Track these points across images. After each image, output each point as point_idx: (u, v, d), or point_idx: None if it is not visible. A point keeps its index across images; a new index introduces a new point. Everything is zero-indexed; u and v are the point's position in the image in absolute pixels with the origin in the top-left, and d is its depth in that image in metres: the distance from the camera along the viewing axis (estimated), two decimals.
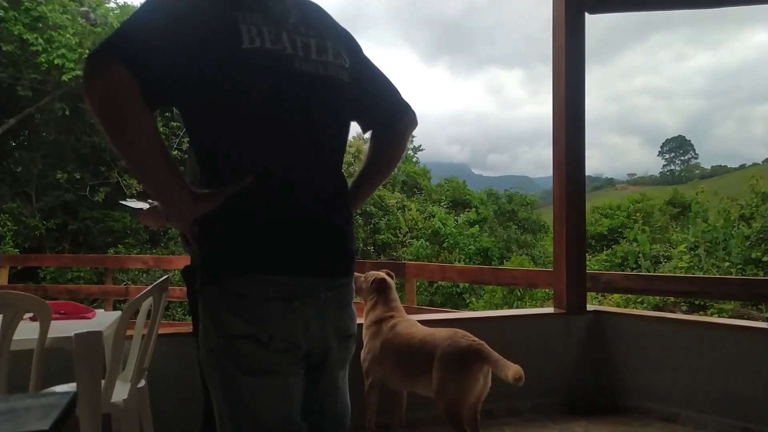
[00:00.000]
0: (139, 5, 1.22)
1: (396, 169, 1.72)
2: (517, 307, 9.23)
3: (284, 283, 1.18)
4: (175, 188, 1.15)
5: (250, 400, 1.19)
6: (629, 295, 8.74)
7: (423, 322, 2.88)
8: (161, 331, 2.56)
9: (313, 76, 1.23)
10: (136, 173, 1.18)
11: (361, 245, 14.31)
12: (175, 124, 12.36)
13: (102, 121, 1.07)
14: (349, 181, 1.40)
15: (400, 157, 1.58)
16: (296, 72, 1.21)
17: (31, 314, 2.20)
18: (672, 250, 12.07)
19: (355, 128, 1.53)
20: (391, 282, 2.98)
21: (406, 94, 1.50)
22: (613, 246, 17.48)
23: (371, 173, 1.52)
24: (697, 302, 9.05)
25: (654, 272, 10.29)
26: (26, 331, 2.03)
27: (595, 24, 3.82)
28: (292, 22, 1.25)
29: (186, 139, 11.92)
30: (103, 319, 2.43)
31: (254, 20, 1.17)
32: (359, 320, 2.45)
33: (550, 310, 3.82)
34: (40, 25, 10.69)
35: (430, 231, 14.82)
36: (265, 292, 1.17)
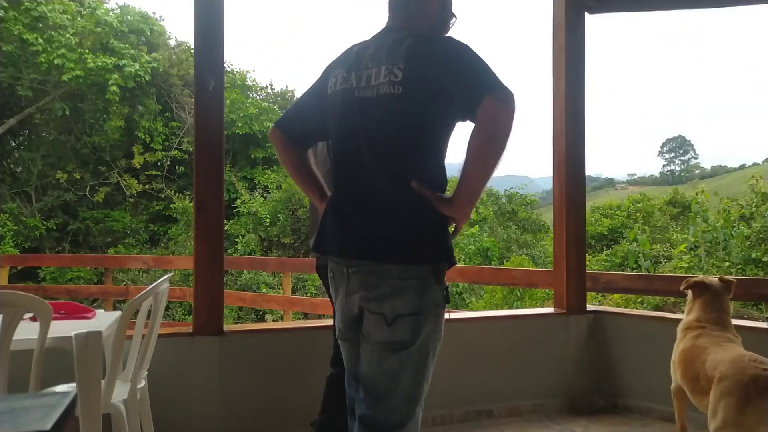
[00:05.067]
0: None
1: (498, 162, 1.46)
2: (517, 307, 9.21)
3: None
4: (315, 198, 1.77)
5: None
6: (629, 295, 8.73)
7: None
8: (161, 331, 2.57)
9: (369, 99, 1.52)
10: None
11: None
12: (174, 124, 12.47)
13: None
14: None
15: (490, 144, 1.41)
16: (356, 98, 1.54)
17: (31, 314, 2.20)
18: (672, 250, 12.05)
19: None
20: (717, 288, 2.70)
21: None
22: (613, 246, 17.45)
23: (465, 164, 1.45)
24: None
25: (654, 272, 10.28)
26: (26, 331, 2.03)
27: (595, 24, 3.78)
28: (366, 57, 1.56)
29: (186, 139, 12.17)
30: (103, 319, 2.43)
31: (337, 70, 1.61)
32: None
33: (550, 310, 3.81)
34: (40, 25, 10.70)
35: None
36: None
